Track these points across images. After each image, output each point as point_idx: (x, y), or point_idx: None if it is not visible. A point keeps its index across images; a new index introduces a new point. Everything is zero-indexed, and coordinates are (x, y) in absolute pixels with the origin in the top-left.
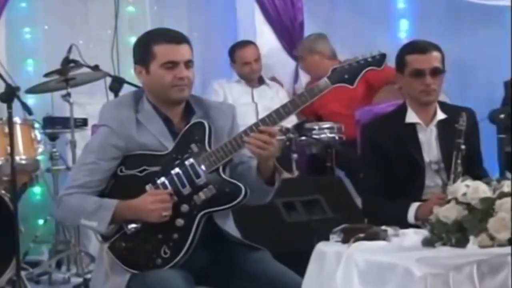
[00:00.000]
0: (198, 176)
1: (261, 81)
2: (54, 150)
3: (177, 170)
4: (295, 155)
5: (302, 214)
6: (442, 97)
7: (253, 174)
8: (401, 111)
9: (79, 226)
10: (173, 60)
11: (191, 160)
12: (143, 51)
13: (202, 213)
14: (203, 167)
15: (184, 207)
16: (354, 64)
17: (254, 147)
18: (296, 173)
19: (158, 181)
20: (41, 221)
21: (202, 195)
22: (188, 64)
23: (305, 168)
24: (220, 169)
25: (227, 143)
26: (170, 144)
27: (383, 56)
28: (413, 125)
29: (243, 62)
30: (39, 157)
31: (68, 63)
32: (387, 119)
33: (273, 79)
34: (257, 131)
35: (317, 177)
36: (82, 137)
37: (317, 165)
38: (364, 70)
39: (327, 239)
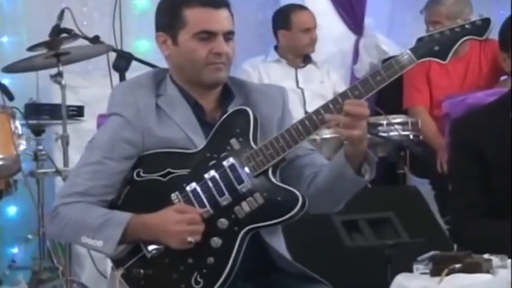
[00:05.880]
0: (240, 181)
1: (306, 59)
2: (40, 147)
3: (212, 173)
4: None
5: (369, 237)
6: None
7: (326, 169)
8: (506, 101)
9: (70, 248)
10: (210, 29)
11: (231, 159)
12: (170, 15)
13: (245, 229)
14: (247, 169)
15: (222, 222)
16: (446, 33)
17: (342, 127)
18: None
19: (188, 188)
20: (20, 241)
21: (245, 206)
22: (229, 36)
23: None
24: (270, 172)
25: (279, 137)
26: (200, 140)
27: (486, 22)
28: None
29: (304, 28)
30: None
31: (59, 32)
32: (487, 113)
33: None
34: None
35: (385, 187)
36: (76, 131)
37: (385, 172)
38: (460, 41)
39: (408, 270)
